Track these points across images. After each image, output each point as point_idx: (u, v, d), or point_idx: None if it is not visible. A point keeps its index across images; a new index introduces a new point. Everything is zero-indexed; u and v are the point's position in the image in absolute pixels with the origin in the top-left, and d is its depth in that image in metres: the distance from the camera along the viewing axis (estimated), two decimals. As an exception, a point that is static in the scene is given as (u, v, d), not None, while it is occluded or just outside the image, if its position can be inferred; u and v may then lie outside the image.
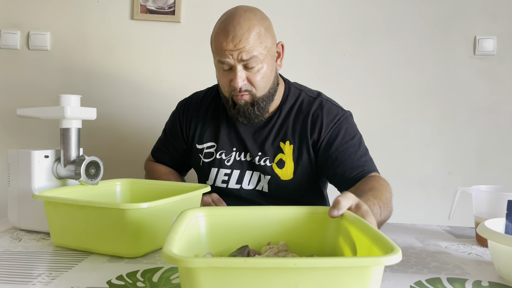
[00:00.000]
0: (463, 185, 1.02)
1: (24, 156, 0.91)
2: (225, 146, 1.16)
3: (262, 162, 1.12)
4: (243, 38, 1.00)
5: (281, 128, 1.13)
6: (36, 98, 1.80)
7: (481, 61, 1.76)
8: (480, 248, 0.87)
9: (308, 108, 1.13)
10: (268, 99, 1.10)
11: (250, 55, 1.01)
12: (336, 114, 1.12)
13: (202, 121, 1.20)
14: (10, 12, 1.79)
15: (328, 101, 1.16)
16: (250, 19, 1.03)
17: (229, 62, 1.02)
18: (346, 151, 1.08)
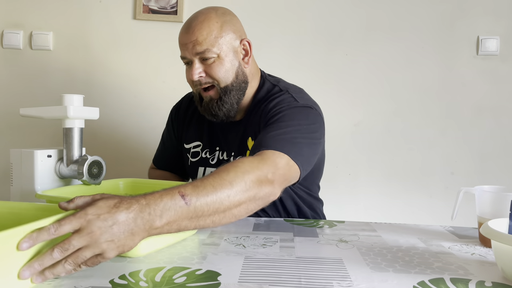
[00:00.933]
0: (466, 185, 1.02)
1: (27, 156, 0.92)
2: (209, 144, 1.18)
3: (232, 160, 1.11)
4: (196, 29, 1.02)
5: (247, 125, 1.12)
6: (39, 97, 1.80)
7: (484, 61, 1.75)
8: (483, 248, 0.87)
9: (265, 102, 1.08)
10: (233, 94, 1.07)
11: (204, 47, 1.02)
12: (285, 102, 1.03)
13: (189, 121, 1.23)
14: (13, 12, 1.80)
15: (288, 93, 1.07)
16: (208, 13, 1.05)
17: (187, 56, 1.05)
18: (265, 130, 0.95)
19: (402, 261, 0.77)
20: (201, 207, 0.68)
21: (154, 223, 0.64)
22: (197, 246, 0.84)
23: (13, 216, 0.69)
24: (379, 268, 0.73)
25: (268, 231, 0.97)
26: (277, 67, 1.46)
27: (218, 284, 0.64)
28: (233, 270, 0.70)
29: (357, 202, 1.78)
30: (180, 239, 0.87)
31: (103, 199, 0.62)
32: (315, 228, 1.02)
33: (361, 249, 0.84)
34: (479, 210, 0.92)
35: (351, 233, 0.97)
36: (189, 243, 0.86)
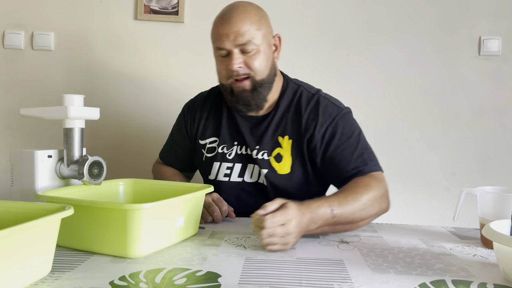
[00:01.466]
0: (467, 186, 1.01)
1: (27, 156, 0.91)
2: (227, 140, 1.18)
3: (260, 156, 1.14)
4: (238, 20, 1.04)
5: (280, 123, 1.14)
6: (40, 98, 1.80)
7: (486, 62, 1.75)
8: (485, 250, 0.87)
9: (306, 104, 1.14)
10: (267, 86, 1.11)
11: (246, 39, 1.04)
12: (332, 112, 1.12)
13: (205, 117, 1.23)
14: (14, 13, 1.80)
15: (326, 98, 1.15)
16: (245, 6, 1.08)
17: (226, 46, 1.05)
18: (343, 152, 1.08)
19: (403, 263, 0.77)
20: (341, 220, 0.91)
21: (310, 227, 0.87)
22: (197, 247, 0.84)
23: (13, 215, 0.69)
24: (380, 269, 0.73)
25: (269, 232, 0.97)
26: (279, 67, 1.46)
27: (219, 285, 0.64)
28: (234, 272, 0.70)
29: (358, 203, 1.78)
30: (180, 240, 0.87)
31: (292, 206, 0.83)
32: (316, 229, 1.01)
33: (362, 250, 0.84)
34: (481, 211, 0.91)
35: (352, 234, 0.97)
36: (189, 244, 0.86)
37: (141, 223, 0.74)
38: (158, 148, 1.38)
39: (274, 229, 0.80)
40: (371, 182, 1.00)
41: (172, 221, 0.83)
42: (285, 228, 0.80)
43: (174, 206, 0.83)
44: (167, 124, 1.79)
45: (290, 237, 0.81)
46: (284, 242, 0.81)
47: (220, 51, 1.07)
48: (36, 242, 0.60)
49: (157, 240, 0.80)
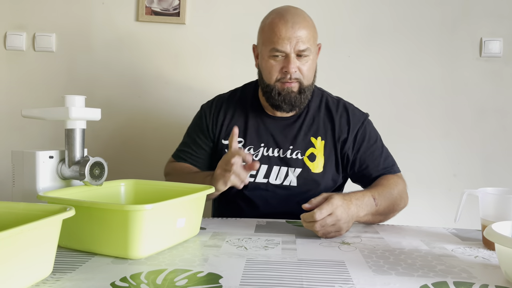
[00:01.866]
0: (469, 188, 1.01)
1: (28, 157, 0.91)
2: (253, 141, 1.20)
3: (294, 155, 1.18)
4: (301, 26, 1.09)
5: (311, 124, 1.21)
6: (41, 99, 1.81)
7: (487, 63, 1.74)
8: (487, 251, 0.86)
9: (335, 108, 1.23)
10: (310, 91, 1.18)
11: (306, 45, 1.09)
12: (360, 117, 1.23)
13: (229, 117, 1.24)
14: (16, 14, 1.80)
15: (351, 104, 1.26)
16: (303, 13, 1.14)
17: (286, 50, 1.09)
18: (372, 154, 1.20)
19: (404, 264, 0.77)
20: (381, 210, 1.04)
21: (359, 214, 0.98)
22: (198, 248, 0.84)
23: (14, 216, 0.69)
24: (381, 270, 0.73)
25: (270, 233, 0.97)
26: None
27: (220, 286, 0.64)
28: (235, 273, 0.70)
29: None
30: (181, 241, 0.87)
31: (336, 196, 0.93)
32: (317, 230, 1.01)
33: (364, 252, 0.84)
34: (483, 212, 0.91)
35: (353, 235, 0.97)
36: (190, 245, 0.86)
37: (142, 224, 0.74)
38: (159, 149, 1.38)
39: (324, 220, 0.89)
40: (398, 181, 1.16)
41: (173, 222, 0.83)
42: (333, 216, 0.90)
43: (175, 207, 0.83)
44: (168, 126, 1.79)
45: (341, 223, 0.91)
46: (337, 229, 0.92)
47: (276, 53, 1.10)
48: (38, 243, 0.60)
49: (158, 241, 0.79)
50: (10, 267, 0.56)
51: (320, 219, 0.89)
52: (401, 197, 1.13)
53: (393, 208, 1.09)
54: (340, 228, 0.92)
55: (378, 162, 1.20)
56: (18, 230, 0.54)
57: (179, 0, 1.76)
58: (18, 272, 0.57)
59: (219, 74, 1.78)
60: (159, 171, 1.36)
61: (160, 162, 1.75)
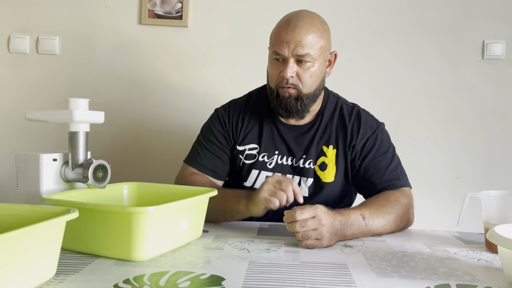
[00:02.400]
0: (471, 190, 1.01)
1: (32, 159, 0.92)
2: (268, 148, 1.17)
3: (307, 165, 1.15)
4: (302, 31, 1.04)
5: (324, 132, 1.17)
6: (45, 101, 1.81)
7: (489, 65, 1.74)
8: (489, 254, 0.86)
9: (349, 115, 1.18)
10: (312, 99, 1.12)
11: (305, 51, 1.04)
12: (372, 125, 1.17)
13: (246, 123, 1.20)
14: (19, 17, 1.81)
15: (365, 111, 1.20)
16: (312, 17, 1.08)
17: (284, 54, 1.05)
18: (378, 164, 1.13)
19: (407, 267, 0.77)
20: (371, 229, 0.97)
21: (345, 232, 0.92)
22: (201, 250, 0.84)
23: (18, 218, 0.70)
24: (384, 273, 0.73)
25: (272, 235, 0.97)
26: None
27: (222, 288, 0.64)
28: (238, 275, 0.70)
29: (362, 207, 1.77)
30: (184, 243, 0.87)
31: (322, 205, 0.90)
32: (319, 232, 1.01)
33: (366, 254, 0.84)
34: (485, 215, 0.91)
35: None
36: (193, 247, 0.86)
37: (145, 226, 0.74)
38: (161, 151, 1.38)
39: (306, 221, 0.86)
40: (401, 198, 1.06)
41: (176, 224, 0.83)
42: (316, 220, 0.86)
43: (178, 209, 0.83)
44: (170, 129, 1.79)
45: (323, 229, 0.86)
46: (318, 235, 0.86)
47: (276, 56, 1.07)
48: (41, 244, 0.61)
49: (161, 243, 0.80)
50: (14, 268, 0.56)
51: (300, 219, 0.86)
52: (400, 218, 1.03)
53: (390, 227, 1.00)
54: (321, 235, 0.86)
55: (383, 173, 1.12)
56: (22, 232, 0.55)
57: (181, 3, 1.77)
58: (21, 274, 0.58)
59: (221, 77, 1.78)
60: (162, 173, 1.37)
61: (162, 164, 1.76)
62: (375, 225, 0.97)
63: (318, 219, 0.87)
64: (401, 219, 1.03)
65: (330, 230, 0.88)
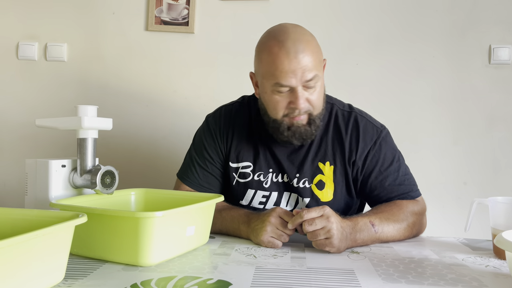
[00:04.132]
0: (479, 196, 1.01)
1: (41, 166, 0.93)
2: (263, 167, 1.10)
3: (301, 184, 1.08)
4: (306, 54, 0.94)
5: (319, 148, 1.09)
6: (53, 107, 1.83)
7: (496, 70, 1.74)
8: (497, 260, 0.86)
9: (345, 126, 1.09)
10: (321, 117, 1.05)
11: (313, 73, 0.96)
12: (373, 135, 1.08)
13: (238, 138, 1.12)
14: (28, 24, 1.84)
15: (363, 116, 1.11)
16: (305, 34, 0.98)
17: (291, 84, 0.95)
18: (385, 180, 1.07)
19: (414, 273, 0.76)
20: (381, 236, 0.96)
21: (355, 237, 0.91)
22: (208, 256, 0.84)
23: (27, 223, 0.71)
24: (391, 279, 0.73)
25: (279, 241, 0.97)
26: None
27: (229, 294, 0.64)
28: (244, 280, 0.70)
29: (369, 213, 1.77)
30: (191, 249, 0.88)
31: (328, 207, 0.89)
32: (326, 238, 1.01)
33: (373, 260, 0.84)
34: (493, 221, 0.91)
35: (362, 243, 0.97)
36: (200, 253, 0.86)
37: (152, 231, 0.75)
38: (168, 157, 1.39)
39: (313, 219, 0.86)
40: (413, 207, 1.05)
41: (183, 230, 0.83)
42: (324, 218, 0.86)
43: (185, 215, 0.83)
44: (177, 134, 1.80)
45: (332, 227, 0.86)
46: (327, 234, 0.86)
47: (280, 88, 0.97)
48: (50, 248, 0.61)
49: (168, 249, 0.80)
50: (23, 272, 0.57)
51: (308, 217, 0.86)
52: (412, 223, 1.01)
53: (400, 236, 0.98)
54: (331, 233, 0.85)
55: (391, 189, 1.07)
56: (31, 236, 0.55)
57: (188, 10, 1.78)
58: (31, 278, 0.58)
59: (227, 83, 1.79)
60: (169, 179, 1.37)
61: (169, 170, 1.77)
62: (385, 233, 0.95)
63: (326, 217, 0.86)
64: (412, 228, 1.01)
65: (340, 229, 0.87)
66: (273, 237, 0.92)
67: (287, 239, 0.93)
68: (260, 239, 0.92)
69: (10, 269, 0.54)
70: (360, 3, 1.77)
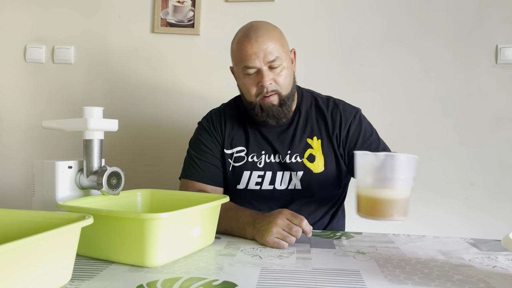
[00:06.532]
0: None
1: (48, 167, 0.94)
2: (255, 149, 1.21)
3: (293, 159, 1.19)
4: (265, 39, 1.09)
5: (305, 126, 1.22)
6: (60, 109, 1.85)
7: (503, 70, 1.72)
8: (505, 261, 0.85)
9: (325, 106, 1.24)
10: (292, 98, 1.18)
11: (275, 55, 1.10)
12: (352, 110, 1.24)
13: (230, 128, 1.24)
14: (36, 28, 1.85)
15: (340, 100, 1.27)
16: (266, 25, 1.14)
17: (256, 65, 1.10)
18: (369, 147, 1.18)
19: (421, 274, 0.76)
20: None
21: None
22: (213, 257, 0.84)
23: (34, 224, 0.71)
24: (397, 280, 0.72)
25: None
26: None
27: (235, 295, 0.64)
28: (250, 281, 0.70)
29: (375, 213, 1.76)
30: (196, 250, 0.88)
31: None
32: (332, 239, 1.01)
33: (379, 261, 0.83)
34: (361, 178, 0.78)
35: (368, 244, 0.97)
36: (205, 254, 0.86)
37: (158, 232, 0.75)
38: (174, 159, 1.39)
39: None
40: None
41: (188, 230, 0.83)
42: None
43: (191, 215, 0.84)
44: (182, 136, 1.81)
45: None
46: None
47: (248, 70, 1.11)
48: (57, 250, 0.62)
49: (174, 250, 0.80)
50: (30, 273, 0.57)
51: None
52: None
53: None
54: None
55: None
56: (38, 238, 0.56)
57: (193, 12, 1.79)
58: (38, 279, 0.59)
59: (233, 84, 1.79)
60: (175, 180, 1.37)
61: (175, 171, 1.77)
62: None
63: None
64: None
65: None
66: (278, 238, 0.92)
67: (293, 241, 0.93)
68: (266, 240, 0.92)
69: (18, 270, 0.55)
70: (365, 4, 1.76)
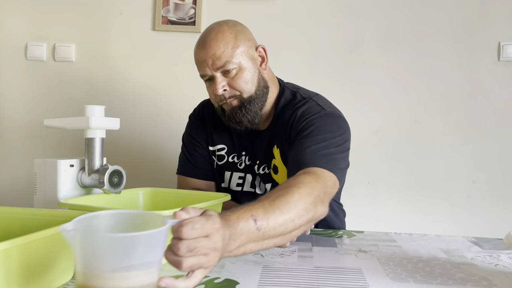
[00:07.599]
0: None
1: (50, 165, 0.94)
2: (236, 149, 1.17)
3: (261, 171, 1.13)
4: (212, 44, 1.02)
5: (272, 134, 1.10)
6: (61, 107, 1.85)
7: (506, 68, 1.72)
8: (507, 259, 0.85)
9: (292, 108, 1.07)
10: (257, 101, 1.06)
11: (224, 60, 1.01)
12: (313, 111, 1.03)
13: (214, 124, 1.20)
14: (37, 26, 1.85)
15: (315, 101, 1.06)
16: (219, 26, 1.05)
17: (207, 72, 1.04)
18: (303, 143, 0.96)
19: (423, 272, 0.76)
20: (269, 232, 0.69)
21: (230, 247, 0.63)
22: (215, 255, 0.84)
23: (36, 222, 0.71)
24: (399, 278, 0.72)
25: (286, 240, 0.97)
26: (294, 76, 1.46)
27: (237, 293, 0.64)
28: (251, 279, 0.70)
29: (376, 212, 1.76)
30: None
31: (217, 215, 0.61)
32: (333, 238, 1.01)
33: (381, 259, 0.83)
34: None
35: (370, 243, 0.96)
36: (207, 252, 0.86)
37: (160, 231, 0.75)
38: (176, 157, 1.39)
39: (197, 241, 0.56)
40: (306, 179, 0.82)
41: (190, 229, 0.83)
42: (210, 241, 0.58)
43: (192, 214, 0.83)
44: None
45: (216, 255, 0.59)
46: (207, 262, 0.58)
47: (203, 78, 1.06)
48: (59, 248, 0.62)
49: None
50: (32, 271, 0.57)
51: (189, 237, 0.56)
52: (305, 205, 0.76)
53: (293, 224, 0.73)
54: (211, 263, 0.59)
55: (299, 154, 0.94)
56: (40, 235, 0.56)
57: (194, 10, 1.78)
58: (39, 277, 0.59)
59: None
60: (176, 178, 1.38)
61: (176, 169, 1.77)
62: (271, 225, 0.69)
63: (212, 240, 0.58)
64: (308, 210, 0.77)
65: (221, 252, 0.61)
66: None
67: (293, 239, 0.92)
68: None
69: (19, 268, 0.55)
70: (367, 1, 1.76)
